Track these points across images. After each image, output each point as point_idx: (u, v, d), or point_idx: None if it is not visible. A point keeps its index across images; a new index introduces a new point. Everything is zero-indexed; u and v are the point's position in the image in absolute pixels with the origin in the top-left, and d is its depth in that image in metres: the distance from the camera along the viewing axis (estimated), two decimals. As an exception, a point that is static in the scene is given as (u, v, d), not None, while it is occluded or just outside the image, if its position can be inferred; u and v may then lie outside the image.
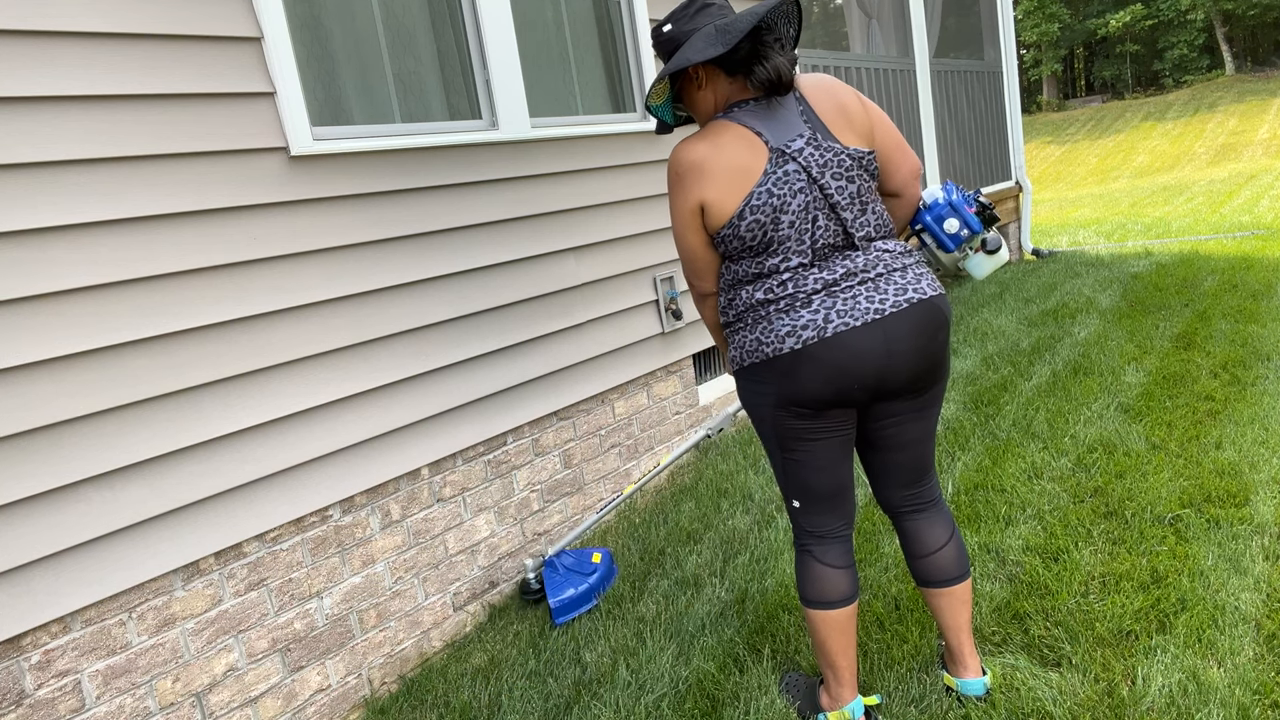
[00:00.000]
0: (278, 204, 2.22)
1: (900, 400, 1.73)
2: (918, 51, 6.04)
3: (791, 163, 1.65)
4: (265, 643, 2.22)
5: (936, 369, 1.72)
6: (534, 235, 2.91)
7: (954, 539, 1.87)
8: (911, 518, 1.88)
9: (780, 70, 1.66)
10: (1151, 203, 13.34)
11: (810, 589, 1.83)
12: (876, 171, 1.74)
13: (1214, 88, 33.79)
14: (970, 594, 1.88)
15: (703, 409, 3.80)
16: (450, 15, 2.77)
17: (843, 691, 1.86)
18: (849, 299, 1.64)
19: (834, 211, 1.66)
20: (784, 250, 1.67)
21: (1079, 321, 4.72)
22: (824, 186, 1.65)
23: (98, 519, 1.90)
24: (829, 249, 1.67)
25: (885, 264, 1.68)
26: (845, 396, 1.67)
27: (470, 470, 2.76)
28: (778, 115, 1.69)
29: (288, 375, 2.24)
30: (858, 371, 1.64)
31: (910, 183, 1.84)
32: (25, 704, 1.82)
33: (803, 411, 1.70)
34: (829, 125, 1.69)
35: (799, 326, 1.64)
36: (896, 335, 1.64)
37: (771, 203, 1.64)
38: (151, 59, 1.98)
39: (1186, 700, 1.77)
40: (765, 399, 1.73)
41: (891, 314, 1.63)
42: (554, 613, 2.67)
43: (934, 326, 1.68)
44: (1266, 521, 2.38)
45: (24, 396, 1.79)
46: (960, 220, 1.85)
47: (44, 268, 1.82)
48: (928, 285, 1.70)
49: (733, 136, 1.67)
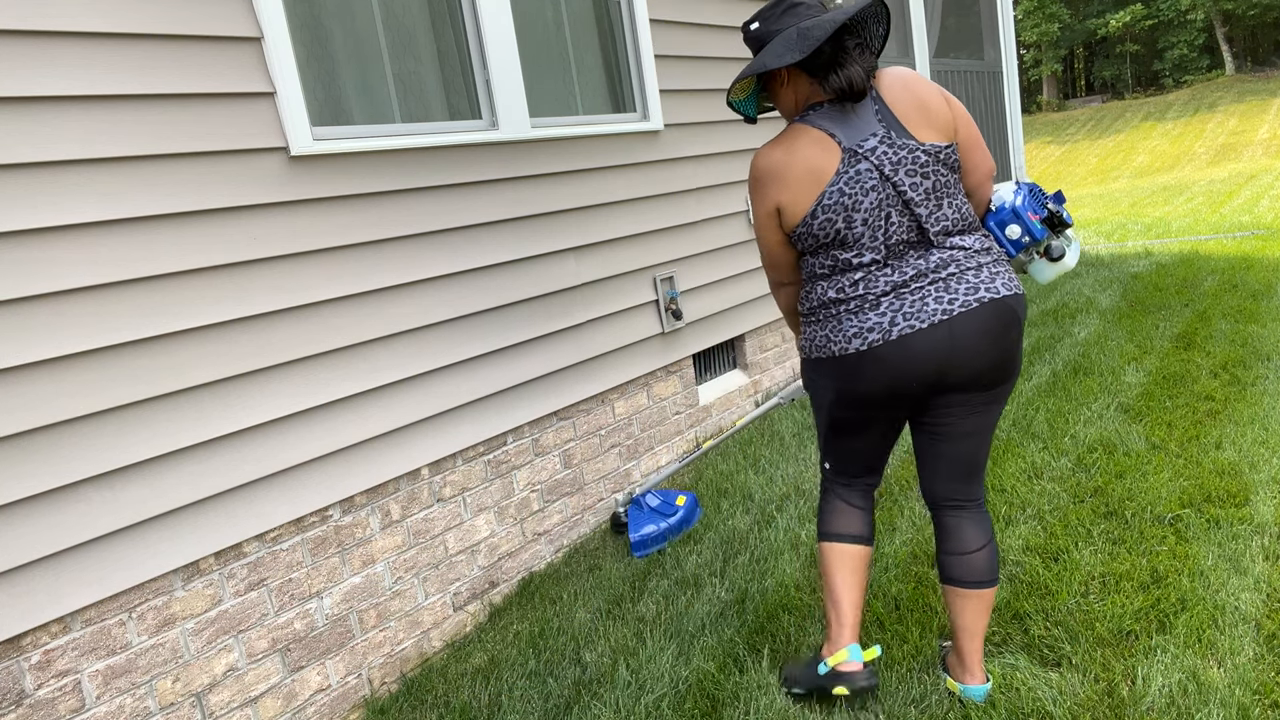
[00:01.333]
0: (278, 204, 2.22)
1: (962, 393, 1.74)
2: (918, 51, 6.04)
3: (864, 162, 1.68)
4: (265, 643, 2.22)
5: (1005, 367, 1.73)
6: (534, 235, 2.91)
7: (990, 544, 1.86)
8: (954, 514, 1.87)
9: (853, 80, 1.68)
10: (1151, 203, 13.34)
11: (828, 521, 1.94)
12: (958, 165, 1.74)
13: (1214, 88, 33.79)
14: (992, 602, 1.88)
15: (703, 409, 3.80)
16: (450, 15, 2.77)
17: (843, 633, 1.90)
18: (917, 300, 1.68)
19: (908, 208, 1.69)
20: (858, 246, 1.71)
21: (1079, 321, 4.72)
22: (897, 184, 1.68)
23: (98, 519, 1.90)
24: (903, 245, 1.71)
25: (958, 262, 1.70)
26: (902, 393, 1.73)
27: (470, 470, 2.76)
28: (852, 116, 1.71)
29: (288, 375, 2.24)
30: (917, 371, 1.69)
31: (983, 183, 1.85)
32: (25, 704, 1.82)
33: (857, 406, 1.79)
34: (905, 122, 1.70)
35: (866, 329, 1.70)
36: (963, 333, 1.66)
37: (843, 202, 1.69)
38: (151, 59, 1.98)
39: (1186, 700, 1.77)
40: (825, 390, 1.83)
41: (960, 314, 1.66)
42: (633, 546, 2.93)
43: (1002, 325, 1.69)
44: (1266, 521, 2.37)
45: (24, 396, 1.79)
46: (1022, 227, 1.85)
47: (44, 268, 1.82)
48: (1001, 284, 1.70)
49: (807, 140, 1.72)
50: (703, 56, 3.69)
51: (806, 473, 3.26)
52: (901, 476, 3.04)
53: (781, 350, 4.31)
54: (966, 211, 1.75)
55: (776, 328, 4.26)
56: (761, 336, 4.16)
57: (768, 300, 4.11)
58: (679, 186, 3.53)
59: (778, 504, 3.04)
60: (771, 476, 3.28)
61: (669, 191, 3.48)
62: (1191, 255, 6.39)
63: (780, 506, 3.01)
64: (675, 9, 3.55)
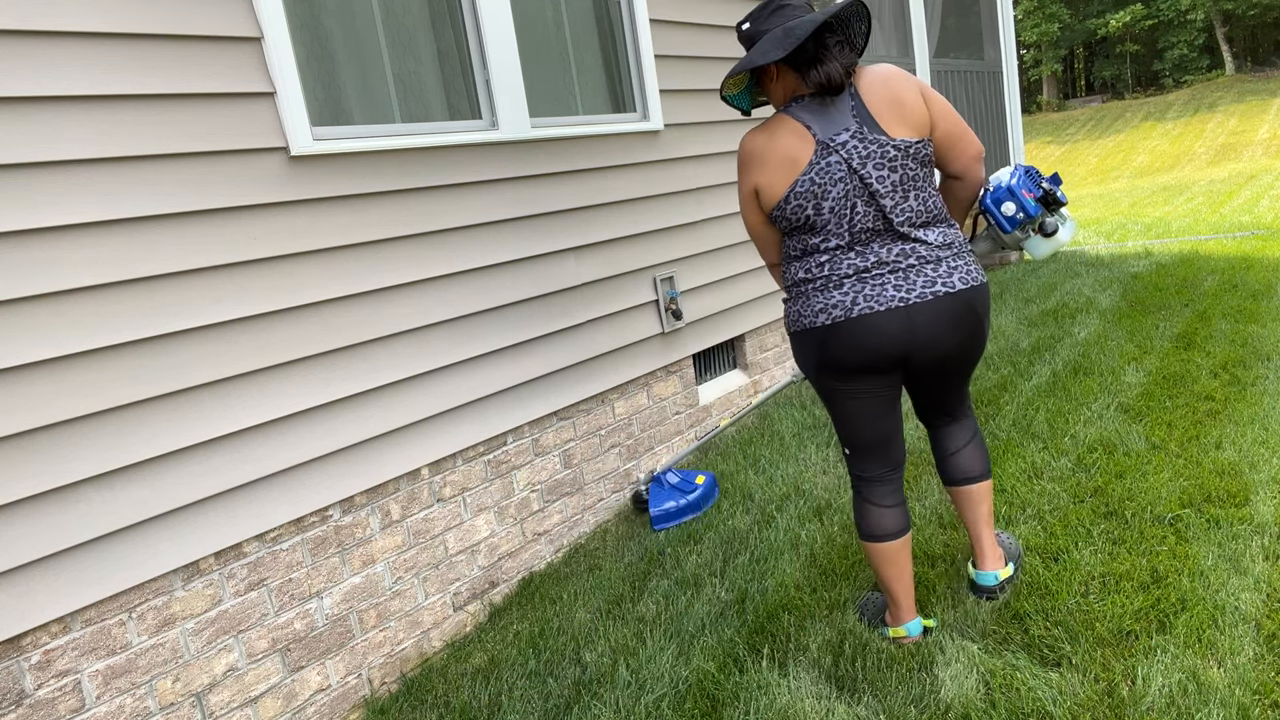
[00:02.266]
0: (278, 204, 2.22)
1: (927, 371, 1.97)
2: (918, 51, 6.04)
3: (834, 155, 1.84)
4: (265, 643, 2.22)
5: (967, 349, 1.94)
6: (534, 235, 2.91)
7: (974, 442, 2.16)
8: (940, 429, 2.19)
9: (831, 76, 1.83)
10: (1151, 203, 13.35)
11: (863, 525, 2.09)
12: (929, 159, 1.89)
13: (1214, 88, 33.79)
14: (989, 495, 2.17)
15: (703, 409, 3.80)
16: (450, 15, 2.77)
17: (901, 613, 2.12)
18: (877, 285, 1.85)
19: (874, 199, 1.84)
20: (825, 232, 1.88)
21: (1079, 321, 4.72)
22: (864, 177, 1.83)
23: (98, 519, 1.90)
24: (867, 233, 1.86)
25: (919, 255, 1.86)
26: (872, 366, 1.90)
27: (470, 470, 2.76)
28: (830, 110, 1.87)
29: (288, 375, 2.24)
30: (881, 348, 1.86)
31: (972, 166, 1.99)
32: (25, 704, 1.82)
33: (838, 375, 1.95)
34: (879, 118, 1.84)
35: (830, 305, 1.88)
36: (921, 322, 1.84)
37: (813, 190, 1.85)
38: (152, 59, 1.98)
39: (1186, 700, 1.77)
40: (809, 361, 2.00)
41: (917, 304, 1.83)
42: (653, 520, 3.12)
43: (959, 316, 1.87)
44: (1266, 521, 2.37)
45: (24, 396, 1.79)
46: (1017, 204, 2.01)
47: (44, 268, 1.82)
48: (959, 279, 1.86)
49: (786, 130, 1.89)
50: (703, 56, 3.69)
51: (806, 473, 3.26)
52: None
53: (781, 350, 4.31)
54: (934, 204, 1.91)
55: (776, 328, 4.26)
56: (761, 336, 4.16)
57: (768, 300, 4.11)
58: (679, 186, 3.53)
59: (778, 504, 3.04)
60: (771, 476, 3.28)
61: (669, 191, 3.48)
62: (1191, 255, 6.39)
63: (780, 506, 3.01)
64: (675, 9, 3.55)
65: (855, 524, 2.14)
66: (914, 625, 2.12)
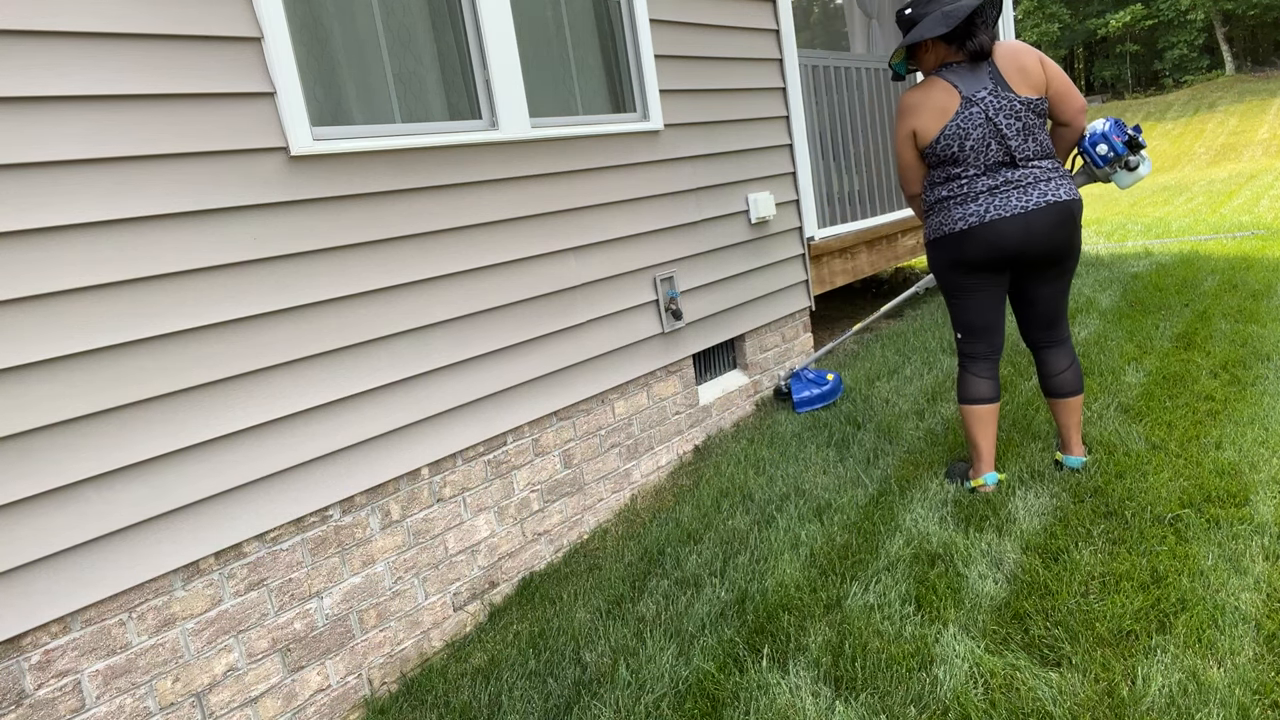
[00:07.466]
0: (278, 204, 2.22)
1: (1037, 267, 2.59)
2: (918, 51, 6.03)
3: (975, 106, 2.50)
4: (265, 643, 2.22)
5: (1064, 249, 2.56)
6: (534, 235, 2.91)
7: (1073, 367, 2.74)
8: (1044, 351, 2.77)
9: (983, 45, 2.51)
10: (1151, 202, 13.35)
11: (964, 391, 2.75)
12: (1045, 111, 2.55)
13: (1214, 88, 33.80)
14: (1080, 405, 2.79)
15: (703, 409, 3.80)
16: (450, 15, 2.77)
17: (981, 467, 2.79)
18: (1003, 197, 2.50)
19: (1003, 140, 2.50)
20: (965, 163, 2.55)
21: (1079, 321, 4.72)
22: (997, 124, 2.49)
23: (98, 519, 1.90)
24: (997, 164, 2.53)
25: (1035, 176, 2.51)
26: (995, 261, 2.56)
27: (470, 470, 2.76)
28: (972, 73, 2.53)
29: (288, 375, 2.24)
30: (1004, 245, 2.51)
31: (1076, 116, 2.61)
32: (25, 704, 1.82)
33: (966, 270, 2.61)
34: (1009, 80, 2.50)
35: (967, 215, 2.54)
36: (1035, 224, 2.48)
37: (958, 133, 2.52)
38: (152, 59, 1.98)
39: (1186, 700, 1.77)
40: (943, 262, 2.66)
41: (1034, 210, 2.48)
42: (796, 404, 3.91)
43: (1061, 220, 2.50)
44: (1266, 521, 2.37)
45: (24, 396, 1.79)
46: (1108, 145, 2.61)
47: (45, 268, 1.82)
48: (1064, 192, 2.51)
49: (938, 88, 2.56)
50: (703, 56, 3.69)
51: (806, 473, 3.26)
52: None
53: (781, 350, 4.32)
54: (1046, 144, 2.55)
55: (776, 328, 4.26)
56: (761, 336, 4.16)
57: (768, 300, 4.11)
58: (679, 186, 3.53)
59: (778, 504, 3.04)
60: (772, 476, 3.28)
61: (669, 191, 3.48)
62: (1191, 255, 6.39)
63: (780, 506, 3.01)
64: (675, 9, 3.55)
65: (957, 392, 2.79)
66: (991, 476, 2.77)
